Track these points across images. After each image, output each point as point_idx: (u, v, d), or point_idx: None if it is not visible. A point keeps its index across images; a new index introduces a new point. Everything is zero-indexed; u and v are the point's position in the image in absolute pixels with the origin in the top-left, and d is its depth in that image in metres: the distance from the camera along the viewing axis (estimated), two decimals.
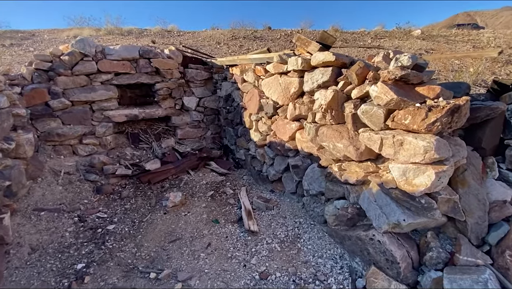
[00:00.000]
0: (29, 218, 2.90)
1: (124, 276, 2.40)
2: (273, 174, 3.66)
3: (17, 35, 8.82)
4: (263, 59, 3.70)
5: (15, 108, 3.28)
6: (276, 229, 3.00)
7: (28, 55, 6.50)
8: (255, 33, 10.47)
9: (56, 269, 2.44)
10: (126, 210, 3.38)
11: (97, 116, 4.23)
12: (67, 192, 3.40)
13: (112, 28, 9.59)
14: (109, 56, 4.15)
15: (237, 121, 4.54)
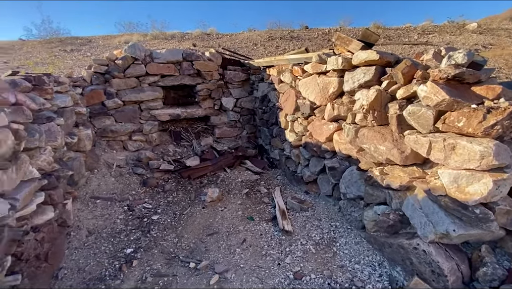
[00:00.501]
0: (86, 204, 3.27)
1: (167, 263, 2.59)
2: (308, 175, 3.63)
3: (76, 41, 9.92)
4: (301, 60, 3.69)
5: (77, 107, 3.72)
6: (311, 231, 2.98)
7: (86, 60, 7.28)
8: (291, 33, 10.42)
9: (109, 252, 2.72)
10: (169, 203, 3.64)
11: (145, 115, 4.60)
12: (119, 183, 3.77)
13: (157, 33, 10.29)
14: (156, 59, 4.49)
15: (272, 121, 4.58)
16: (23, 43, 9.51)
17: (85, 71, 4.31)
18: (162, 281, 2.37)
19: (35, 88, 2.74)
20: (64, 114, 3.16)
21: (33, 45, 9.06)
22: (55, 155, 2.74)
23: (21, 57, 7.71)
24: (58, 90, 3.25)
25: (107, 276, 2.41)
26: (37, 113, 2.57)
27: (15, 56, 7.81)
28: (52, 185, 2.50)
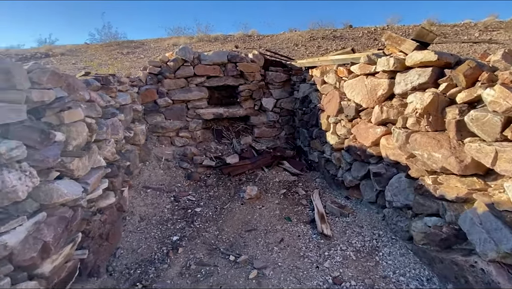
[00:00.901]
0: (139, 193, 3.61)
1: (208, 254, 2.74)
2: (349, 180, 3.52)
3: (131, 44, 10.87)
4: (347, 60, 3.59)
5: (134, 104, 4.12)
6: (351, 237, 2.89)
7: (139, 61, 7.96)
8: (334, 32, 10.12)
9: (157, 237, 2.97)
10: (210, 197, 3.83)
11: (191, 114, 4.90)
12: (166, 175, 4.08)
13: (202, 36, 10.82)
14: (203, 61, 4.75)
15: (312, 122, 4.52)
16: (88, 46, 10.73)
17: (141, 72, 4.74)
18: (204, 269, 2.52)
19: (102, 87, 3.11)
20: (124, 111, 3.53)
21: (95, 48, 10.19)
22: (117, 147, 3.08)
23: (86, 59, 8.71)
24: (120, 89, 3.63)
25: (156, 259, 2.64)
26: (104, 109, 2.92)
27: (81, 58, 8.86)
28: (113, 173, 2.82)
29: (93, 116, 2.49)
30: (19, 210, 1.62)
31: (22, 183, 1.57)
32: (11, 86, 1.64)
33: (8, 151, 1.51)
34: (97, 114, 2.57)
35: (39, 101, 1.88)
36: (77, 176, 2.11)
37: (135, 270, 2.49)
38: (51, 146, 1.84)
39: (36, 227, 1.69)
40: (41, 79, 1.93)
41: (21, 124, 1.68)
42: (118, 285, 2.31)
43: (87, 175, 2.28)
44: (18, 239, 1.55)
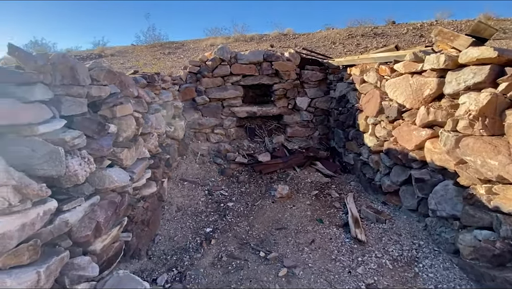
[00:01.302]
0: (176, 185, 3.82)
1: (239, 247, 2.81)
2: (388, 185, 3.33)
3: (172, 45, 11.47)
4: (389, 58, 3.40)
5: (175, 101, 4.36)
6: (388, 245, 2.74)
7: (180, 61, 8.39)
8: (375, 29, 9.62)
9: (192, 227, 3.13)
10: (242, 193, 3.91)
11: (226, 112, 5.04)
12: (201, 170, 4.26)
13: (238, 36, 11.03)
14: (239, 60, 4.85)
15: (349, 123, 4.36)
16: (134, 47, 11.58)
17: (182, 71, 5.00)
18: (235, 262, 2.59)
19: (148, 84, 3.35)
20: (166, 107, 3.76)
21: (140, 49, 10.95)
22: (159, 141, 3.30)
23: (133, 59, 9.41)
24: (163, 87, 3.88)
25: (191, 248, 2.78)
26: (149, 105, 3.14)
27: (128, 58, 9.59)
28: (155, 165, 3.02)
29: (140, 111, 2.71)
30: (79, 192, 1.83)
31: (82, 168, 1.78)
32: (76, 82, 1.85)
33: (72, 140, 1.71)
34: (144, 110, 2.78)
35: (97, 96, 2.10)
36: (125, 165, 2.32)
37: (171, 256, 2.66)
38: (105, 136, 2.04)
39: (91, 209, 1.90)
40: (99, 76, 2.15)
41: (83, 116, 1.90)
42: (157, 268, 2.49)
43: (133, 164, 2.49)
44: (77, 217, 1.75)
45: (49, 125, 1.60)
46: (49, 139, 1.61)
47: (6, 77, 1.44)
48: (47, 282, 1.50)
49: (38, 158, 1.54)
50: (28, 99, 1.52)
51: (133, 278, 1.88)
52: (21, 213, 1.40)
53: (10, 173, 1.35)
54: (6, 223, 1.33)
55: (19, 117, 1.45)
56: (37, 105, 1.57)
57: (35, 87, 1.55)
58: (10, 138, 1.50)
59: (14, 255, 1.40)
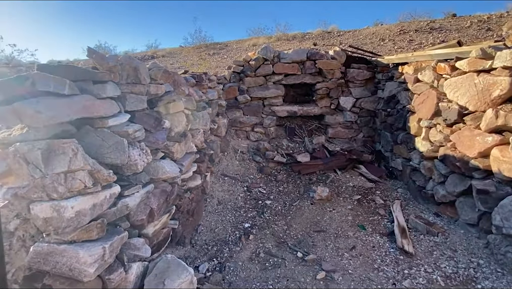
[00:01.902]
0: (218, 179, 3.99)
1: (277, 246, 2.83)
2: (442, 195, 3.03)
3: (216, 46, 11.92)
4: (450, 55, 3.08)
5: (219, 100, 4.54)
6: (440, 260, 2.51)
7: (223, 61, 8.70)
8: (431, 23, 8.79)
9: (231, 221, 3.24)
10: (280, 192, 3.92)
11: (266, 111, 5.09)
12: (241, 166, 4.37)
13: (280, 35, 11.01)
14: (282, 60, 4.85)
15: (398, 125, 4.06)
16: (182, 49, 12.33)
17: (226, 71, 5.18)
18: (272, 260, 2.62)
19: (197, 83, 3.55)
20: (211, 105, 3.95)
21: (188, 50, 11.61)
22: (204, 137, 3.48)
23: (181, 59, 10.03)
24: (209, 86, 4.07)
25: (230, 241, 2.89)
26: (197, 103, 3.33)
27: (177, 59, 10.25)
28: (201, 159, 3.20)
29: (190, 109, 2.89)
30: (137, 180, 2.03)
31: (141, 158, 1.97)
32: (138, 81, 2.06)
33: (134, 132, 1.91)
34: (193, 107, 2.96)
35: (154, 94, 2.30)
36: (175, 158, 2.50)
37: (212, 246, 2.79)
38: (161, 131, 2.23)
39: (146, 195, 2.09)
40: (157, 76, 2.35)
41: (143, 111, 2.10)
42: (199, 256, 2.64)
43: (182, 158, 2.67)
44: (135, 202, 1.95)
45: (116, 118, 1.81)
46: (115, 131, 1.82)
47: (86, 75, 1.67)
48: (110, 257, 1.70)
49: (107, 147, 1.75)
50: (101, 96, 1.73)
51: (180, 262, 2.02)
52: (93, 195, 1.62)
53: (86, 159, 1.56)
54: (82, 202, 1.55)
55: (94, 111, 1.67)
56: (108, 101, 1.78)
57: (107, 85, 1.77)
58: (86, 129, 1.74)
59: (86, 231, 1.62)
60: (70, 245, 1.56)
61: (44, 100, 1.47)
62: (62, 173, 1.50)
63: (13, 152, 1.45)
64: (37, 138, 1.50)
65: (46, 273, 1.65)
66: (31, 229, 1.70)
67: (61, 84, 1.53)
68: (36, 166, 1.47)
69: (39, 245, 1.56)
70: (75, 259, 1.54)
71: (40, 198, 1.50)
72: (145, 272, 1.99)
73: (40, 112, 1.43)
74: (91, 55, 1.77)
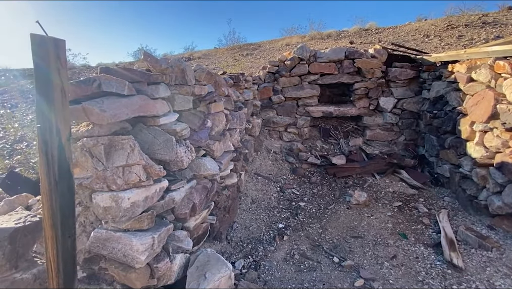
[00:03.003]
0: (252, 178, 4.04)
1: (311, 248, 2.79)
2: (498, 206, 2.75)
3: (250, 46, 12.06)
4: (511, 52, 2.78)
5: (254, 100, 4.60)
6: (493, 277, 2.28)
7: (257, 62, 8.77)
8: (484, 17, 8.00)
9: (265, 221, 3.27)
10: (314, 194, 3.86)
11: (300, 111, 5.04)
12: (274, 166, 4.39)
13: (314, 34, 10.79)
14: (319, 59, 4.76)
15: (446, 128, 3.76)
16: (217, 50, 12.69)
17: (261, 71, 5.23)
18: (307, 262, 2.59)
19: (234, 84, 3.63)
20: (247, 105, 4.01)
21: (222, 52, 11.91)
22: (240, 136, 3.55)
23: (216, 61, 10.33)
24: (246, 86, 4.14)
25: (264, 240, 2.92)
26: (235, 103, 3.41)
27: (212, 60, 10.57)
28: (237, 158, 3.27)
29: (229, 109, 2.97)
30: (182, 175, 2.15)
31: (186, 155, 2.07)
32: (185, 82, 2.17)
33: (181, 131, 2.02)
34: (231, 107, 3.04)
35: (198, 94, 2.40)
36: (215, 156, 2.59)
37: (247, 244, 2.84)
38: (203, 130, 2.33)
39: (190, 190, 2.20)
40: (200, 77, 2.46)
41: (189, 111, 2.21)
42: (234, 252, 2.70)
43: (221, 156, 2.76)
44: (180, 197, 2.06)
45: (166, 117, 1.93)
46: (165, 129, 1.94)
47: (142, 77, 1.80)
48: (158, 247, 1.82)
49: (157, 144, 1.87)
50: (154, 96, 1.86)
51: (219, 257, 2.10)
52: (146, 188, 1.74)
53: (141, 154, 1.69)
54: (137, 194, 1.68)
55: (148, 110, 1.80)
56: (160, 101, 1.91)
57: (159, 86, 1.89)
58: (140, 127, 1.88)
59: (138, 221, 1.75)
60: (125, 233, 1.70)
61: (108, 100, 1.62)
62: (121, 167, 1.64)
63: (81, 146, 1.62)
64: (100, 134, 1.66)
65: (103, 257, 1.82)
66: (91, 216, 1.88)
67: (121, 85, 1.67)
68: (99, 160, 1.63)
69: (98, 231, 1.72)
70: (129, 246, 1.67)
71: (101, 188, 1.66)
72: (186, 263, 2.09)
73: (104, 111, 1.57)
74: (146, 58, 1.91)
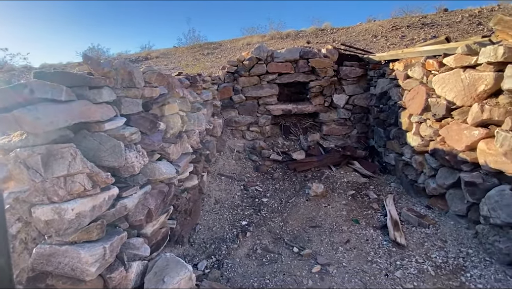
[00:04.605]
0: (215, 179, 4.05)
1: (273, 242, 2.90)
2: (433, 188, 3.13)
3: (210, 46, 11.91)
4: (439, 51, 3.17)
5: (214, 100, 4.60)
6: (430, 251, 2.60)
7: (217, 61, 8.72)
8: (423, 19, 8.90)
9: (229, 219, 3.30)
10: (276, 190, 3.99)
11: (261, 110, 5.15)
12: (237, 165, 4.44)
13: (274, 33, 11.04)
14: (276, 59, 4.91)
15: (390, 121, 4.15)
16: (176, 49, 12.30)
17: (220, 71, 5.23)
18: (269, 255, 2.69)
19: (191, 85, 3.59)
20: (206, 106, 4.00)
21: (182, 51, 11.59)
22: (200, 137, 3.53)
23: (175, 60, 10.02)
24: (204, 87, 4.12)
25: (228, 239, 2.95)
26: (192, 104, 3.38)
27: (171, 60, 10.24)
28: (197, 159, 3.25)
29: (184, 110, 2.94)
30: (134, 181, 2.09)
31: (138, 160, 2.02)
32: (133, 85, 2.11)
33: (130, 135, 1.96)
34: (187, 109, 3.01)
35: (149, 96, 2.35)
36: (171, 159, 2.55)
37: (210, 244, 2.85)
38: (156, 133, 2.28)
39: (144, 196, 2.15)
40: (151, 79, 2.40)
41: (138, 114, 2.15)
42: (197, 254, 2.70)
43: (178, 158, 2.73)
44: (133, 203, 2.01)
45: (112, 122, 1.86)
46: (112, 135, 1.87)
47: (82, 81, 1.71)
48: (111, 256, 1.75)
49: (104, 151, 1.80)
50: (97, 101, 1.78)
51: (179, 260, 2.09)
52: (92, 197, 1.67)
53: (85, 162, 1.61)
54: (82, 204, 1.60)
55: (91, 115, 1.72)
56: (104, 106, 1.83)
57: (102, 90, 1.82)
58: (83, 134, 1.79)
59: (87, 232, 1.67)
60: (71, 246, 1.62)
61: (42, 107, 1.51)
62: (62, 177, 1.55)
63: (14, 158, 1.49)
64: (36, 144, 1.55)
65: (49, 273, 1.71)
66: (33, 232, 1.75)
67: (58, 90, 1.57)
68: (36, 171, 1.52)
69: (41, 247, 1.61)
70: (77, 259, 1.59)
71: (41, 201, 1.55)
72: (144, 270, 2.04)
73: (39, 119, 1.47)
74: (86, 62, 1.82)
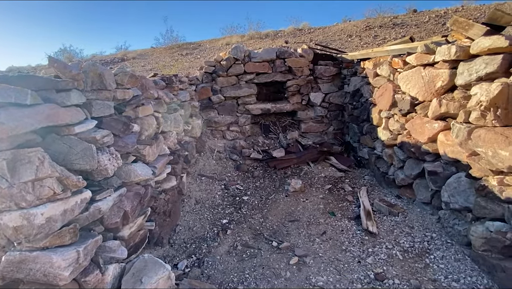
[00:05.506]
0: (195, 179, 4.06)
1: (253, 238, 2.97)
2: (401, 178, 3.33)
3: (189, 46, 11.79)
4: (403, 50, 3.37)
5: (192, 101, 4.59)
6: (399, 237, 2.78)
7: (196, 61, 8.66)
8: (394, 19, 9.32)
9: (210, 219, 3.34)
10: (256, 187, 4.07)
11: (240, 109, 5.21)
12: (218, 165, 4.47)
13: (253, 33, 11.12)
14: (253, 59, 4.98)
15: (363, 117, 4.35)
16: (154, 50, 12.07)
17: (198, 71, 5.22)
18: (249, 251, 2.76)
19: (167, 86, 3.58)
20: (184, 107, 3.99)
21: (160, 51, 11.39)
22: (177, 138, 3.53)
23: (153, 61, 9.84)
24: (181, 88, 4.11)
25: (208, 238, 2.99)
26: (168, 105, 3.38)
27: (149, 60, 10.04)
28: (175, 161, 3.26)
29: (160, 112, 2.94)
30: (108, 184, 2.07)
31: (111, 163, 2.01)
32: (104, 87, 2.09)
33: (102, 138, 1.95)
34: (163, 110, 3.01)
35: (121, 98, 2.34)
36: (147, 160, 2.55)
37: (190, 244, 2.88)
38: (130, 135, 2.27)
39: (119, 199, 2.14)
40: (123, 81, 2.39)
41: (110, 116, 2.14)
42: (177, 255, 2.72)
43: (155, 160, 2.72)
44: (108, 206, 2.00)
45: (83, 125, 1.85)
46: (83, 138, 1.85)
47: (48, 84, 1.69)
48: (85, 260, 1.74)
49: (75, 154, 1.78)
50: (66, 104, 1.76)
51: (157, 261, 2.10)
52: (63, 201, 1.65)
53: (54, 166, 1.59)
54: (52, 208, 1.58)
55: (59, 119, 1.70)
56: (73, 109, 1.81)
57: (70, 93, 1.80)
58: (52, 137, 1.76)
59: (59, 236, 1.66)
60: (43, 251, 1.60)
61: (5, 111, 1.48)
62: (29, 182, 1.53)
63: None
64: (1, 149, 1.51)
65: (20, 281, 1.67)
66: (1, 240, 1.70)
67: (22, 94, 1.54)
68: (2, 177, 1.49)
69: (11, 254, 1.58)
70: (49, 265, 1.57)
71: (9, 207, 1.52)
72: (122, 272, 2.04)
73: (2, 124, 1.44)
74: (52, 64, 1.79)
